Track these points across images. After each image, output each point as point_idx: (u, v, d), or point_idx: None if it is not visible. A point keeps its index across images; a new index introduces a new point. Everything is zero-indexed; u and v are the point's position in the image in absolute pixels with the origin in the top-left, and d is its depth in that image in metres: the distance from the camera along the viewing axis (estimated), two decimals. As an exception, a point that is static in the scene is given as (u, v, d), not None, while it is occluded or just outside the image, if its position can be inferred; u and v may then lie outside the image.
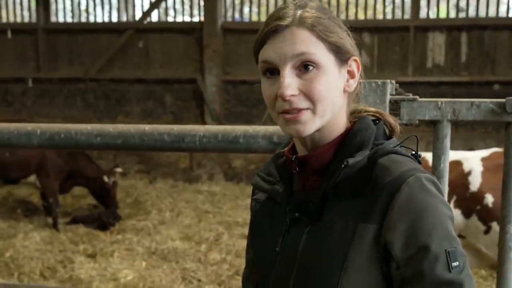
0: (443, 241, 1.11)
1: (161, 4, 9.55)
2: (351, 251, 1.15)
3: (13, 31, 9.85)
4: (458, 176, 3.85)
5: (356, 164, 1.17)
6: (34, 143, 2.20)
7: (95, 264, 5.37)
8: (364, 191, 1.16)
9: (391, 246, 1.11)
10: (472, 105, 1.94)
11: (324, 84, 1.16)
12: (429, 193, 1.13)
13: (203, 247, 5.82)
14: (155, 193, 7.99)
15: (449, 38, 8.40)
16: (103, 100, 9.55)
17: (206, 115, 9.08)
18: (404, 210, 1.11)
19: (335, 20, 1.21)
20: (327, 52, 1.17)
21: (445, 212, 1.13)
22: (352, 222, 1.16)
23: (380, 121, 1.27)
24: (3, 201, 7.62)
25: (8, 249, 5.70)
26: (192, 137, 2.07)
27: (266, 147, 2.04)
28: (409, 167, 1.17)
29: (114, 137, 2.13)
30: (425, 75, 8.42)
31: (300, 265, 1.22)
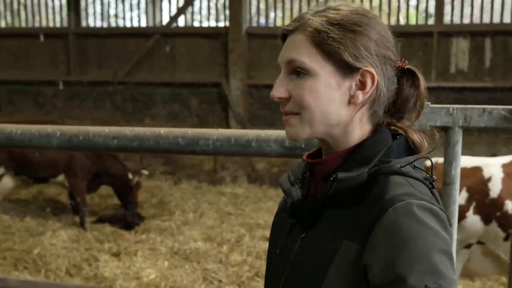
0: (425, 276, 1.01)
1: (187, 9, 9.74)
2: (332, 265, 1.11)
3: (45, 35, 10.12)
4: (478, 182, 3.83)
5: (349, 179, 1.13)
6: (54, 145, 2.25)
7: (119, 263, 5.47)
8: (357, 209, 1.13)
9: (369, 270, 1.07)
10: (483, 112, 1.92)
11: (310, 92, 1.15)
12: (417, 221, 1.05)
13: (225, 248, 5.88)
14: (180, 194, 8.08)
15: (473, 43, 8.35)
16: (130, 102, 9.76)
17: (230, 118, 9.19)
18: (387, 236, 1.05)
19: (353, 27, 1.15)
20: (323, 60, 1.15)
21: (435, 244, 1.04)
22: (339, 237, 1.12)
23: (401, 137, 1.20)
24: (34, 200, 7.80)
25: (36, 247, 5.83)
26: (206, 141, 2.11)
27: (277, 151, 2.07)
28: (405, 191, 1.10)
29: (130, 140, 2.18)
30: (448, 80, 8.39)
31: (289, 272, 1.22)
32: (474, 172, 3.87)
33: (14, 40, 10.25)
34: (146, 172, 7.46)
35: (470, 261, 3.86)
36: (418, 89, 1.22)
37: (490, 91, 8.25)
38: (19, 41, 10.23)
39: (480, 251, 3.84)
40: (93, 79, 9.86)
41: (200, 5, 9.73)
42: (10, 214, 7.02)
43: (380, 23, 1.20)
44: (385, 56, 1.18)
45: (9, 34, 10.35)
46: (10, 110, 10.14)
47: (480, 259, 3.86)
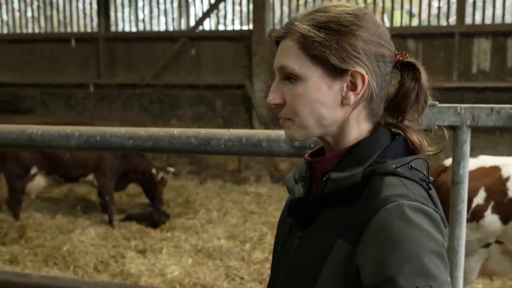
0: (416, 277, 1.00)
1: (213, 13, 9.91)
2: (326, 265, 1.11)
3: (77, 40, 10.40)
4: (496, 182, 3.80)
5: (344, 179, 1.13)
6: (72, 145, 2.31)
7: (144, 260, 5.57)
8: (350, 208, 1.12)
9: (360, 270, 1.06)
10: (492, 111, 1.91)
11: (300, 97, 1.15)
12: (408, 222, 1.03)
13: (247, 246, 5.95)
14: (204, 193, 8.17)
15: (494, 43, 8.31)
16: (157, 104, 9.97)
17: (254, 119, 9.31)
18: (378, 237, 1.05)
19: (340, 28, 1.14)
20: (311, 65, 1.15)
21: (426, 245, 1.03)
22: (332, 236, 1.12)
23: (400, 137, 1.18)
24: (65, 198, 8.00)
25: (66, 243, 5.94)
26: (218, 141, 2.14)
27: (287, 151, 2.09)
28: (398, 192, 1.08)
29: (145, 140, 2.22)
30: (470, 81, 8.35)
31: (287, 269, 1.22)
32: (493, 171, 3.85)
33: (47, 45, 10.57)
34: (172, 169, 7.59)
35: (489, 260, 3.84)
36: (419, 82, 1.19)
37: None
38: (51, 46, 10.54)
39: (498, 251, 3.81)
40: (122, 82, 10.07)
41: (225, 9, 9.90)
42: (42, 212, 7.20)
43: (370, 20, 1.17)
44: (377, 54, 1.16)
45: (42, 39, 10.67)
46: (43, 112, 10.45)
47: (498, 259, 3.83)
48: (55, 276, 3.99)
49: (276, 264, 1.30)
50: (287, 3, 9.59)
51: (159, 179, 7.16)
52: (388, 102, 1.22)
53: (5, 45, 10.76)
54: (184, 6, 10.15)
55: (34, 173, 6.99)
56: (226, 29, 9.96)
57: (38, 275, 2.69)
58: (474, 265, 3.81)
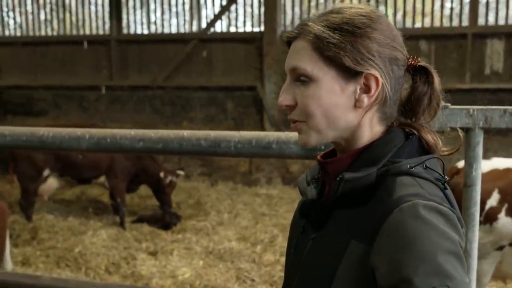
0: (432, 276, 0.99)
1: (224, 15, 9.93)
2: (340, 266, 1.10)
3: (89, 42, 10.47)
4: (510, 184, 3.77)
5: (358, 180, 1.12)
6: (83, 147, 2.32)
7: (155, 262, 5.59)
8: (364, 209, 1.11)
9: (376, 270, 1.05)
10: (505, 113, 1.88)
11: (313, 99, 1.14)
12: (424, 222, 1.02)
13: (258, 248, 5.94)
14: (215, 195, 8.20)
15: (508, 44, 8.25)
16: (169, 106, 10.00)
17: (265, 121, 9.31)
18: (393, 236, 1.03)
19: (354, 30, 1.13)
20: (325, 66, 1.13)
21: (442, 245, 1.01)
22: (346, 237, 1.11)
23: (414, 137, 1.16)
24: (77, 200, 8.05)
25: (77, 245, 5.98)
26: (228, 143, 2.13)
27: (298, 153, 2.07)
28: (412, 191, 1.07)
29: (155, 142, 2.22)
30: (483, 82, 8.29)
31: (302, 270, 1.21)
32: (506, 173, 3.82)
33: (60, 47, 10.65)
34: (182, 172, 7.57)
35: (503, 263, 3.81)
36: (432, 86, 1.19)
37: (526, 92, 8.15)
38: (64, 48, 10.62)
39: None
40: (134, 84, 10.13)
41: (237, 11, 9.92)
42: (54, 214, 7.26)
43: (384, 23, 1.16)
44: (391, 57, 1.15)
45: (55, 42, 10.76)
46: (56, 113, 10.53)
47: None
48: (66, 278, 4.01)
49: (289, 267, 1.29)
50: (298, 5, 9.58)
51: (168, 183, 7.17)
52: (401, 106, 1.21)
53: (18, 47, 10.86)
54: (195, 8, 10.18)
55: (46, 175, 7.04)
56: (237, 31, 9.98)
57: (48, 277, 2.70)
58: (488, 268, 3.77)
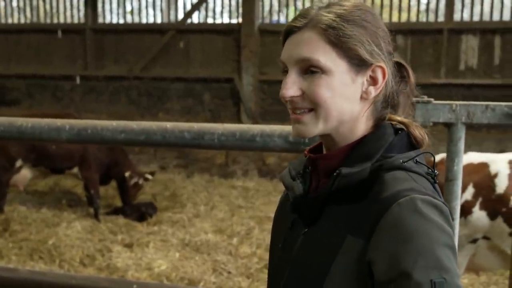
0: (430, 270, 1.01)
1: (202, 6, 9.87)
2: (335, 262, 1.10)
3: (63, 31, 10.33)
4: (485, 178, 3.81)
5: (353, 175, 1.12)
6: (63, 138, 2.27)
7: (131, 254, 5.52)
8: (360, 204, 1.11)
9: (373, 266, 1.06)
10: (486, 108, 1.90)
11: (327, 89, 1.12)
12: (421, 216, 1.04)
13: (235, 241, 5.92)
14: (192, 187, 8.12)
15: (482, 41, 8.39)
16: (145, 97, 9.93)
17: (242, 113, 9.32)
18: (391, 231, 1.04)
19: (363, 23, 1.14)
20: (337, 57, 1.12)
21: (439, 238, 1.03)
22: (342, 232, 1.11)
23: (403, 132, 1.18)
24: (50, 192, 7.90)
25: (51, 237, 5.86)
26: (211, 135, 2.11)
27: (282, 146, 2.06)
28: (408, 186, 1.09)
29: (138, 134, 2.19)
30: (458, 77, 8.43)
31: (292, 266, 1.20)
32: (481, 168, 3.86)
33: (33, 36, 10.48)
34: (151, 176, 7.28)
35: (476, 255, 3.87)
36: (409, 81, 1.22)
37: (499, 88, 8.28)
38: (38, 37, 10.45)
39: (485, 246, 3.83)
40: (109, 74, 10.04)
41: (214, 2, 9.86)
42: (27, 205, 7.11)
43: (381, 19, 1.19)
44: (389, 52, 1.18)
45: (28, 30, 10.58)
46: (29, 103, 10.37)
47: (485, 254, 3.85)
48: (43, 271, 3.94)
49: (277, 262, 1.29)
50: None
51: (132, 184, 6.90)
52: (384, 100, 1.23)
53: (-10, 35, 10.66)
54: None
55: (19, 165, 6.91)
56: (215, 22, 9.93)
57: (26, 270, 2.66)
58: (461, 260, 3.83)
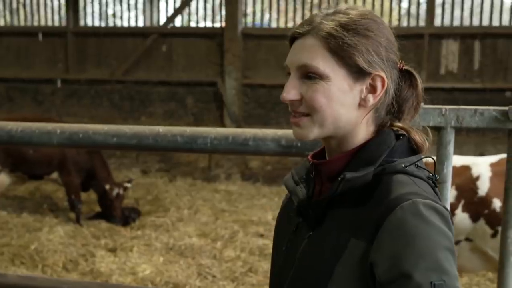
0: (430, 272, 1.04)
1: (184, 10, 9.86)
2: (339, 264, 1.13)
3: (44, 34, 10.21)
4: (467, 181, 3.86)
5: (357, 179, 1.15)
6: (54, 142, 2.26)
7: (115, 258, 5.50)
8: (363, 208, 1.14)
9: (375, 267, 1.09)
10: (475, 113, 1.95)
11: (324, 95, 1.16)
12: (423, 220, 1.07)
13: (219, 244, 5.93)
14: (175, 191, 8.11)
15: (462, 45, 8.51)
16: (128, 101, 9.87)
17: (225, 117, 9.30)
18: (394, 234, 1.08)
19: (365, 32, 1.17)
20: (336, 65, 1.16)
21: (439, 241, 1.07)
22: (345, 235, 1.14)
23: (404, 137, 1.22)
24: (31, 196, 7.83)
25: (33, 242, 5.81)
26: (204, 139, 2.13)
27: (275, 149, 2.09)
28: (410, 190, 1.12)
29: (130, 138, 2.19)
30: (439, 81, 8.53)
31: (296, 269, 1.23)
32: (463, 171, 3.91)
33: (14, 39, 10.35)
34: (129, 184, 7.14)
35: (458, 257, 3.80)
36: (416, 89, 1.25)
37: (479, 92, 8.42)
38: (18, 40, 10.33)
39: (468, 248, 3.87)
40: (91, 77, 9.95)
41: (197, 6, 9.86)
42: (7, 210, 7.04)
43: (387, 27, 1.22)
44: (392, 61, 1.20)
45: (8, 33, 10.45)
46: (9, 107, 10.23)
47: (468, 256, 3.89)
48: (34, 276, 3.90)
49: (281, 264, 1.31)
50: (259, 1, 9.60)
51: (115, 196, 6.76)
52: (389, 107, 1.26)
53: (-31, 38, 10.51)
54: (155, 1, 10.07)
55: (-4, 171, 6.81)
56: (198, 26, 9.93)
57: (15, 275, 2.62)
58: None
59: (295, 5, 9.43)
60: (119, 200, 6.80)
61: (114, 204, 6.73)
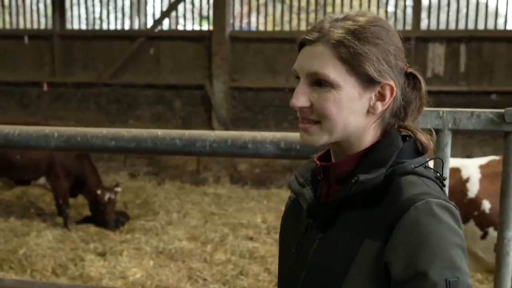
0: (445, 270, 1.07)
1: (172, 12, 9.84)
2: (353, 265, 1.15)
3: (30, 37, 10.10)
4: (457, 183, 3.87)
5: (369, 181, 1.16)
6: (51, 145, 2.26)
7: (105, 262, 5.48)
8: (376, 208, 1.16)
9: (391, 267, 1.11)
10: (472, 115, 1.98)
11: (334, 103, 1.17)
12: (436, 219, 1.10)
13: (209, 248, 5.92)
14: (163, 195, 8.10)
15: (448, 49, 8.60)
16: (115, 104, 9.82)
17: (213, 120, 9.30)
18: (408, 233, 1.10)
19: (376, 40, 1.18)
20: (346, 74, 1.17)
21: (452, 240, 1.10)
22: (358, 237, 1.16)
23: (411, 138, 1.24)
24: (18, 201, 7.76)
25: (21, 247, 5.77)
26: (203, 142, 2.14)
27: (273, 152, 2.11)
28: (422, 190, 1.15)
29: (128, 141, 2.20)
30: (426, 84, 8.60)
31: (308, 270, 1.24)
32: (453, 173, 3.89)
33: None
34: (120, 188, 7.08)
35: None
36: (420, 91, 1.28)
37: (465, 95, 8.51)
38: (4, 43, 10.21)
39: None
40: (78, 80, 9.87)
41: (185, 9, 9.85)
42: (-6, 215, 6.97)
43: (395, 33, 1.23)
44: (401, 68, 1.22)
45: (-7, 35, 10.36)
46: (-6, 110, 10.14)
47: None
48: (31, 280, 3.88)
49: (292, 265, 1.31)
50: (247, 3, 9.61)
51: (107, 201, 6.68)
52: (394, 109, 1.28)
53: (-47, 40, 10.38)
54: (143, 4, 10.04)
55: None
56: (185, 29, 9.91)
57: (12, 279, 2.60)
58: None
59: (283, 9, 9.45)
60: (111, 205, 6.74)
61: (106, 209, 6.67)
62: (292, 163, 8.63)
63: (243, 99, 9.29)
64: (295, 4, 9.43)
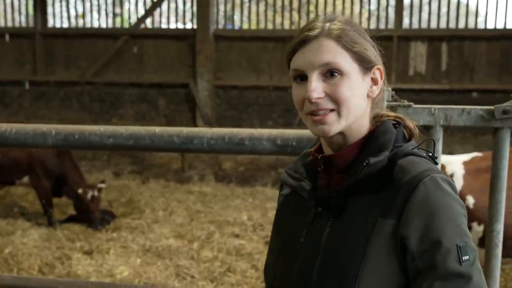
0: (455, 236, 1.20)
1: (155, 11, 9.81)
2: (370, 244, 1.24)
3: (11, 35, 9.99)
4: None
5: (377, 163, 1.28)
6: (49, 143, 2.25)
7: (91, 261, 5.47)
8: (384, 189, 1.26)
9: (406, 240, 1.21)
10: (463, 112, 2.05)
11: (348, 88, 1.28)
12: (444, 192, 1.23)
13: (196, 245, 5.95)
14: (148, 193, 8.10)
15: (430, 47, 8.72)
16: (98, 102, 9.76)
17: (198, 118, 9.29)
18: (420, 207, 1.21)
19: (361, 32, 1.32)
20: (351, 61, 1.29)
21: (458, 210, 1.23)
22: (371, 217, 1.25)
23: (400, 125, 1.37)
24: (1, 200, 7.71)
25: (7, 246, 5.74)
26: (200, 139, 2.16)
27: (270, 149, 2.14)
28: (426, 167, 1.26)
29: (126, 138, 2.20)
30: (407, 82, 8.72)
31: (323, 256, 1.31)
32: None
33: (-21, 40, 10.14)
34: (103, 185, 6.99)
35: None
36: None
37: (447, 93, 8.64)
38: (-16, 41, 10.11)
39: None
40: (60, 79, 9.78)
41: (168, 7, 9.83)
42: (-22, 215, 6.90)
43: None
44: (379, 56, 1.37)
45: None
46: (-26, 109, 10.01)
47: None
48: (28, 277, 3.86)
49: (304, 254, 1.36)
50: (231, 2, 9.62)
51: (90, 199, 6.61)
52: None
53: None
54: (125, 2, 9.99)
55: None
56: (169, 27, 9.89)
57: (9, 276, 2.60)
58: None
59: (266, 9, 9.48)
60: (95, 203, 6.67)
61: (90, 207, 6.60)
62: (276, 161, 8.70)
63: (227, 98, 9.31)
64: (278, 3, 9.48)
